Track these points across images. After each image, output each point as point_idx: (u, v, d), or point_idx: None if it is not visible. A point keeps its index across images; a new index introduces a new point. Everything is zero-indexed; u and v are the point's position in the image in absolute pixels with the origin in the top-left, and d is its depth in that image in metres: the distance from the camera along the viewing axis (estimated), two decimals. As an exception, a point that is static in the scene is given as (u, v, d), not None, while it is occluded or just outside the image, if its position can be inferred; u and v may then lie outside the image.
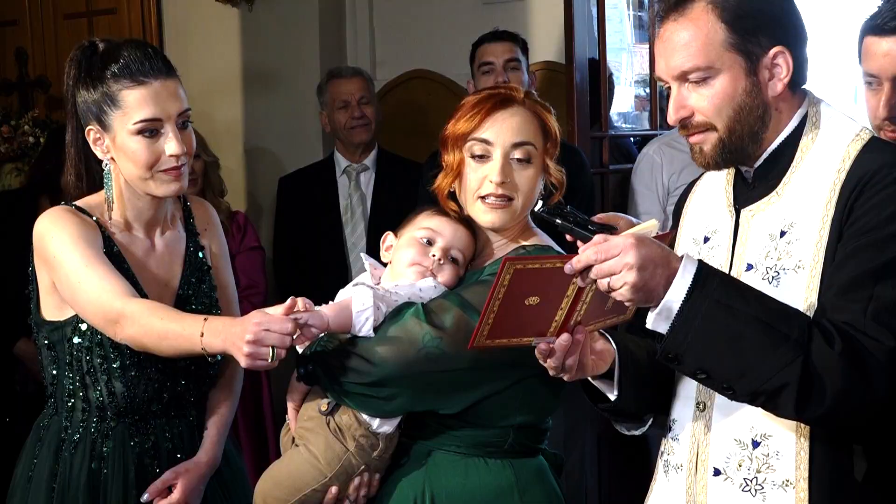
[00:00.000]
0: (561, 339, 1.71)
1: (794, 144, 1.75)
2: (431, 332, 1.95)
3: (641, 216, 3.79)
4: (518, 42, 3.86)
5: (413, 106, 4.77)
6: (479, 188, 2.06)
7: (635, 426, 1.96)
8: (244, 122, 4.86)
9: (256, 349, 1.89)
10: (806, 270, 1.66)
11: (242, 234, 4.05)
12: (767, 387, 1.57)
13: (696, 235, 1.87)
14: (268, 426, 3.99)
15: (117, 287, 2.10)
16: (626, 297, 1.60)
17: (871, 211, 1.62)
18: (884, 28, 2.24)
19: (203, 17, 4.86)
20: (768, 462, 1.69)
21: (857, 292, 1.59)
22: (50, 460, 2.23)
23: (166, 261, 2.30)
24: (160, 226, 2.31)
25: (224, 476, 2.36)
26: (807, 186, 1.70)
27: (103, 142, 2.19)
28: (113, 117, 2.16)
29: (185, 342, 2.03)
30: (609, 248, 1.59)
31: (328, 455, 2.03)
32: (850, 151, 1.68)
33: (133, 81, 2.14)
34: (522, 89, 2.13)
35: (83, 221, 2.19)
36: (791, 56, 1.71)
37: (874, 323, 1.57)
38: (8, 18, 5.33)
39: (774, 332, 1.56)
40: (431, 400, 2.01)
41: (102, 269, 2.12)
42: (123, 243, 2.24)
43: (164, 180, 2.18)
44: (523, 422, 2.07)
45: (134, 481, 2.21)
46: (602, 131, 4.21)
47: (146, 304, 2.12)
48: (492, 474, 2.06)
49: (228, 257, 2.47)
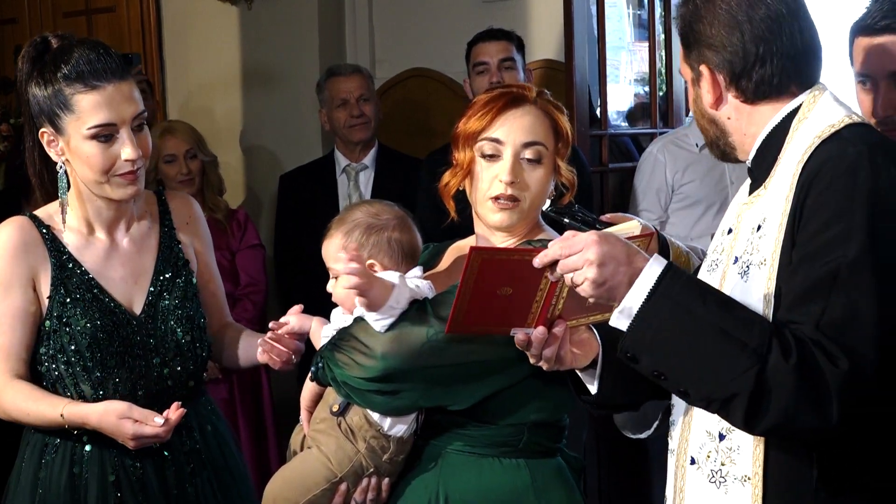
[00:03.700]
0: (537, 331, 1.74)
1: (782, 137, 1.74)
2: (437, 324, 1.94)
3: (642, 214, 3.80)
4: (513, 40, 3.84)
5: (412, 104, 4.77)
6: (490, 188, 2.05)
7: (639, 429, 1.97)
8: (243, 120, 4.86)
9: (140, 442, 2.12)
10: (766, 267, 1.65)
11: (243, 231, 4.04)
12: (719, 395, 1.56)
13: (724, 227, 1.87)
14: (268, 425, 3.98)
15: (4, 363, 2.18)
16: (587, 292, 1.62)
17: (821, 209, 1.59)
18: (874, 27, 2.24)
19: (202, 15, 4.86)
20: (730, 455, 1.69)
21: (809, 304, 1.56)
22: (34, 464, 2.24)
23: (134, 258, 2.29)
24: (124, 223, 2.30)
25: (223, 478, 2.35)
26: (780, 181, 1.70)
27: (57, 144, 2.18)
28: (66, 121, 2.14)
29: (53, 425, 2.18)
30: (573, 244, 1.62)
31: (339, 455, 2.03)
32: (815, 142, 1.67)
33: (86, 86, 2.12)
34: (535, 88, 2.12)
35: (24, 246, 2.20)
36: (718, 76, 1.75)
37: (827, 338, 1.53)
38: (7, 17, 5.33)
39: (732, 340, 1.55)
40: (439, 395, 2.00)
41: (3, 336, 2.18)
42: (79, 248, 2.24)
43: (120, 184, 2.17)
44: (537, 419, 2.05)
45: (113, 484, 2.21)
46: (601, 130, 4.21)
47: (16, 390, 2.18)
48: (507, 474, 2.03)
49: (212, 250, 2.45)
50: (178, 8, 4.97)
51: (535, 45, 4.36)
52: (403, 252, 2.13)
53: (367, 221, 2.11)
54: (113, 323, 2.21)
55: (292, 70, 4.71)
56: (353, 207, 2.18)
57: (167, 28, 5.03)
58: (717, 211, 3.79)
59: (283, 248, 4.26)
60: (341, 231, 2.12)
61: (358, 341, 1.99)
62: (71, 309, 2.19)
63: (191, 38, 4.93)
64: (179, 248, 2.35)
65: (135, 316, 2.25)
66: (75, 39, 2.21)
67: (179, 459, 2.28)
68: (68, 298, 2.19)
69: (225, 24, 4.81)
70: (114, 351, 2.20)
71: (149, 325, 2.25)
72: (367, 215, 2.13)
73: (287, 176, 4.35)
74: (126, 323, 2.23)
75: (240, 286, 3.93)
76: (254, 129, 4.85)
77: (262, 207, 4.79)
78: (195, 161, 3.94)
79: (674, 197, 3.91)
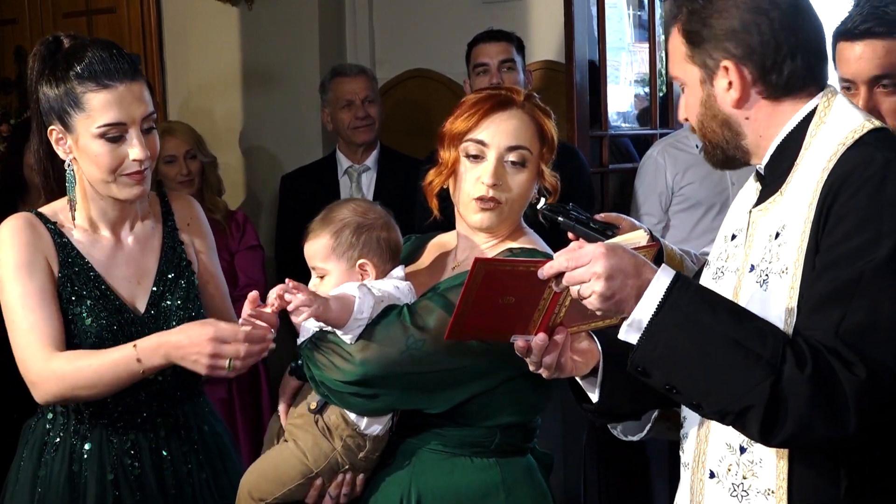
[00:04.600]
0: (538, 338, 1.71)
1: (799, 141, 1.69)
2: (416, 333, 1.96)
3: (643, 217, 3.81)
4: (513, 41, 3.84)
5: (413, 105, 4.77)
6: (473, 189, 2.06)
7: (632, 431, 1.95)
8: (243, 121, 4.86)
9: (216, 361, 2.02)
10: (789, 275, 1.61)
11: (242, 232, 4.04)
12: (734, 407, 1.53)
13: (727, 233, 1.84)
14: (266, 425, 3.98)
15: (42, 339, 2.12)
16: (595, 305, 1.58)
17: (844, 219, 1.55)
18: (854, 32, 2.24)
19: (203, 16, 4.86)
20: (752, 469, 1.65)
21: (829, 310, 1.53)
22: (33, 463, 2.24)
23: (137, 257, 2.30)
24: (128, 223, 2.30)
25: (221, 479, 2.35)
26: (801, 187, 1.65)
27: (65, 142, 2.18)
28: (76, 119, 2.14)
29: (122, 370, 2.09)
30: (580, 257, 1.58)
31: (315, 452, 2.05)
32: (839, 149, 1.62)
33: (97, 84, 2.12)
34: (524, 91, 2.13)
35: (37, 237, 2.19)
36: (744, 70, 1.68)
37: (846, 345, 1.50)
38: (7, 17, 5.32)
39: (745, 351, 1.52)
40: (417, 399, 2.02)
41: (35, 314, 2.13)
42: (86, 245, 2.24)
43: (127, 184, 2.17)
44: (510, 422, 2.07)
45: (112, 482, 2.20)
46: (602, 131, 4.21)
47: (67, 355, 2.13)
48: (478, 473, 2.06)
49: (215, 250, 2.45)
50: (178, 8, 4.97)
51: (535, 45, 4.36)
52: (391, 251, 2.13)
53: (356, 220, 2.11)
54: (118, 322, 2.21)
55: (292, 70, 4.71)
56: (337, 206, 2.17)
57: (167, 28, 5.02)
58: (718, 213, 3.79)
59: (284, 249, 4.25)
60: (329, 230, 2.11)
61: (337, 345, 2.00)
62: (77, 307, 2.19)
63: (191, 39, 4.93)
64: (182, 248, 2.36)
65: (139, 315, 2.25)
66: (87, 39, 2.22)
67: (177, 459, 2.28)
68: (74, 296, 2.19)
69: (225, 25, 4.81)
70: None
71: (152, 325, 2.25)
72: (354, 214, 2.12)
73: (288, 176, 4.34)
74: (131, 322, 2.23)
75: (238, 287, 3.92)
76: (254, 130, 4.85)
77: (261, 208, 4.79)
78: (195, 162, 3.95)
79: (674, 199, 3.91)
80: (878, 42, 2.24)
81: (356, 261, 2.10)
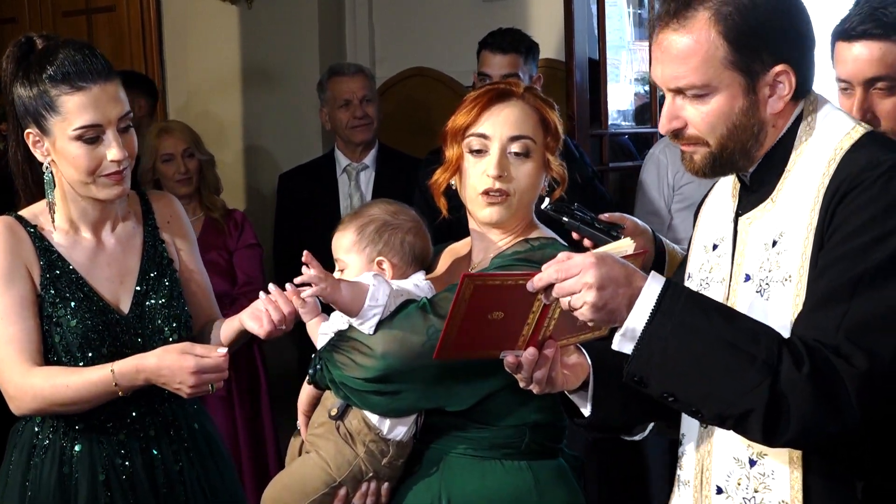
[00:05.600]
0: (527, 353, 1.67)
1: (788, 147, 1.67)
2: (437, 323, 1.92)
3: (647, 217, 3.79)
4: (521, 52, 3.74)
5: (413, 104, 4.76)
6: (479, 184, 2.04)
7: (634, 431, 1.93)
8: (243, 120, 4.86)
9: (198, 389, 2.08)
10: (793, 283, 1.59)
11: (240, 231, 4.03)
12: (734, 411, 1.51)
13: (706, 243, 1.81)
14: (265, 425, 3.97)
15: (20, 353, 2.13)
16: (587, 316, 1.54)
17: (851, 216, 1.54)
18: (852, 33, 2.23)
19: (202, 15, 4.86)
20: (764, 482, 1.63)
21: (832, 306, 1.51)
22: (22, 466, 2.23)
23: (119, 258, 2.29)
24: (109, 223, 2.29)
25: (212, 477, 2.34)
26: (797, 193, 1.63)
27: (43, 145, 2.17)
28: (52, 122, 2.13)
29: (101, 390, 2.11)
30: (569, 267, 1.54)
31: (338, 460, 2.02)
32: (837, 153, 1.60)
33: (71, 87, 2.11)
34: (523, 84, 2.11)
35: (17, 242, 2.18)
36: (794, 72, 1.63)
37: (847, 340, 1.48)
38: (7, 16, 5.32)
39: (741, 354, 1.50)
40: (439, 395, 1.99)
41: (14, 326, 2.14)
42: (67, 248, 2.23)
43: (106, 185, 2.17)
44: (538, 420, 2.04)
45: (103, 483, 2.20)
46: (602, 129, 4.21)
47: (45, 372, 2.13)
48: (510, 476, 2.02)
49: (197, 247, 2.44)
50: (178, 8, 4.97)
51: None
52: (414, 255, 2.12)
53: (383, 219, 2.11)
54: (103, 322, 2.21)
55: (292, 70, 4.71)
56: (371, 203, 2.18)
57: (167, 28, 5.03)
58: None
59: (283, 248, 4.24)
60: (355, 224, 2.11)
61: (357, 341, 1.98)
62: (61, 309, 2.18)
63: (191, 38, 4.93)
64: (163, 247, 2.35)
65: (123, 315, 2.25)
66: (60, 40, 2.20)
67: (168, 458, 2.28)
68: (58, 298, 2.19)
69: (225, 24, 4.81)
70: (104, 351, 2.19)
71: (137, 325, 2.25)
72: (384, 213, 2.12)
73: (286, 175, 4.33)
74: (115, 323, 2.23)
75: (237, 285, 3.92)
76: (254, 129, 4.84)
77: (261, 207, 4.78)
78: (192, 160, 3.94)
79: (674, 197, 3.90)
80: (876, 44, 2.23)
81: (375, 257, 2.09)
